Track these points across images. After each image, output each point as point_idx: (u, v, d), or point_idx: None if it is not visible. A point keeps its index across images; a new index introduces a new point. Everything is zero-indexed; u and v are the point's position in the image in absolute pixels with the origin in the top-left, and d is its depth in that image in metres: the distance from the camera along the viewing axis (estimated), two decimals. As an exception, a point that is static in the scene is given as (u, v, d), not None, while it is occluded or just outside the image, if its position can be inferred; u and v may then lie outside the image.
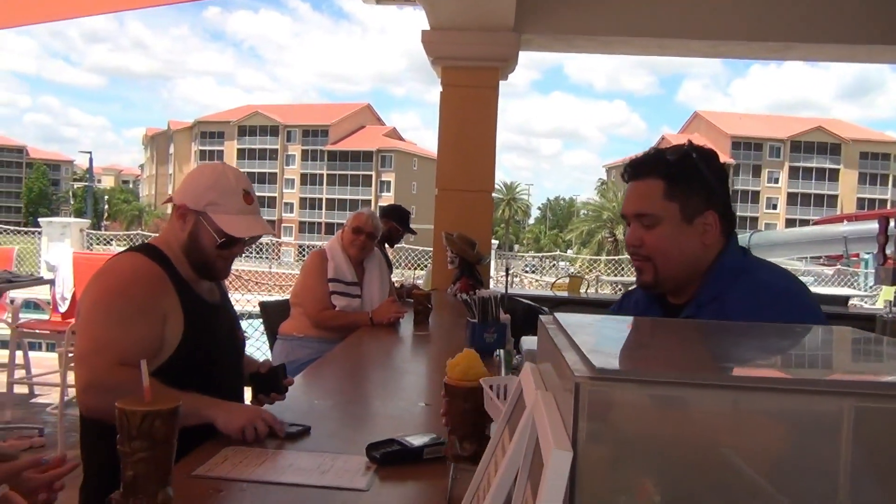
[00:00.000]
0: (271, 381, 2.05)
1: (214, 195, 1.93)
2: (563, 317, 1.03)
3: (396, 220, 4.96)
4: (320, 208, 74.94)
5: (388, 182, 72.95)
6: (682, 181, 1.57)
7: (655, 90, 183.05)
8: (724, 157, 55.15)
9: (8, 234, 15.60)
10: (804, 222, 48.89)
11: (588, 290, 7.01)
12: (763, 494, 0.65)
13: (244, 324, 2.57)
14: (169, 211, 2.11)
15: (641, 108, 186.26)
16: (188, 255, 1.95)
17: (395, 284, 4.67)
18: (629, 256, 1.68)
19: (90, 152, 45.74)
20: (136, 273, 1.86)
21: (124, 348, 1.73)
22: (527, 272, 20.97)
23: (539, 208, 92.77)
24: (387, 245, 4.92)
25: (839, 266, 16.74)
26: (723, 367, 0.81)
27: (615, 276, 19.82)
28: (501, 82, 5.83)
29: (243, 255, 2.09)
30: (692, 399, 0.67)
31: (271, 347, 3.96)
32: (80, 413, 1.95)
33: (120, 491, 1.20)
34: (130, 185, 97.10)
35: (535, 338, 2.66)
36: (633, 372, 0.68)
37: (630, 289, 2.15)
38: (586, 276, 10.20)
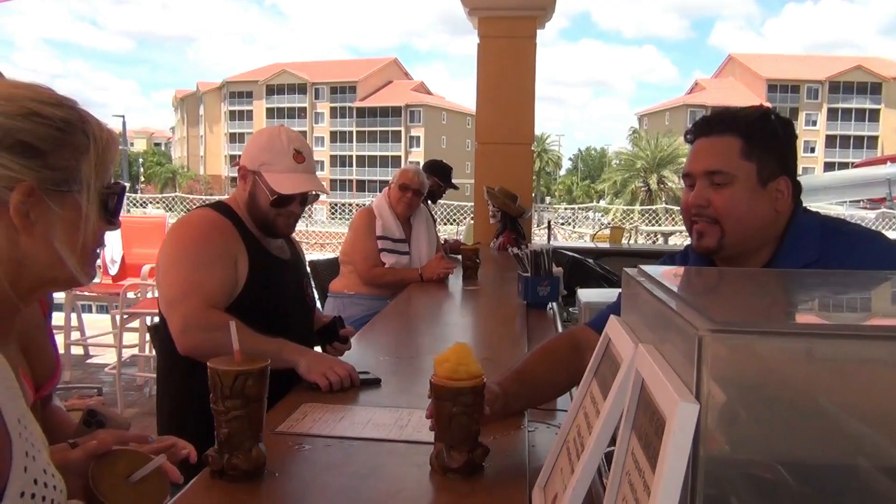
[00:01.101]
0: (331, 332, 2.16)
1: (267, 156, 2.06)
2: (649, 269, 1.02)
3: (438, 176, 4.95)
4: (351, 165, 74.94)
5: (418, 137, 72.48)
6: (761, 141, 1.50)
7: (687, 34, 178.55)
8: (761, 101, 53.65)
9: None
10: (843, 165, 47.72)
11: (630, 242, 6.97)
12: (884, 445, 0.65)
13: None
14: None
15: (672, 54, 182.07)
16: (250, 213, 2.08)
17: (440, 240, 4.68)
18: (688, 218, 1.57)
19: (123, 116, 45.64)
20: (211, 223, 2.02)
21: (211, 289, 1.88)
22: (560, 224, 20.90)
23: (570, 159, 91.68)
24: (429, 201, 4.92)
25: (883, 209, 16.38)
26: (839, 317, 0.80)
27: (651, 225, 19.71)
28: (532, 32, 5.72)
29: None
30: (813, 349, 0.67)
31: (322, 305, 4.01)
32: (158, 366, 2.04)
33: (215, 448, 1.24)
34: (162, 148, 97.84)
35: (594, 290, 2.67)
36: (755, 324, 0.67)
37: (676, 248, 2.08)
38: (626, 227, 10.13)
